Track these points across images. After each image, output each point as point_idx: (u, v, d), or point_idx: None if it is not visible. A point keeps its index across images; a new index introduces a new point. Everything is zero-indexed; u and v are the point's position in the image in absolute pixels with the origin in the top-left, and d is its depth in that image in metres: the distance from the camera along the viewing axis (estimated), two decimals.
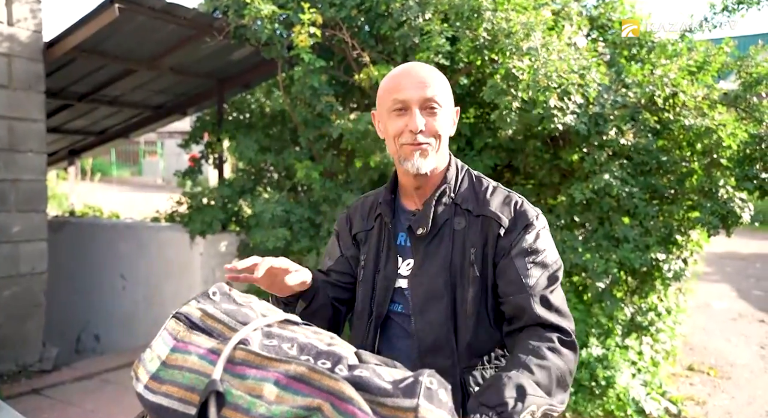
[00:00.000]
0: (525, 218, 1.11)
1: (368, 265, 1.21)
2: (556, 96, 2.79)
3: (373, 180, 3.78)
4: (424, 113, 1.09)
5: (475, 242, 1.12)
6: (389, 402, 0.77)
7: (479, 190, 1.17)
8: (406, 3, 3.25)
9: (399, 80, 1.11)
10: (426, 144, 1.09)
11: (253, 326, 0.86)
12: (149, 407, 0.78)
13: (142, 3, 3.14)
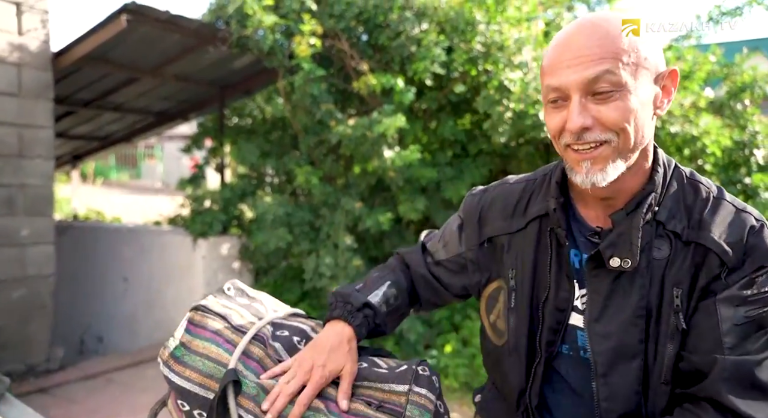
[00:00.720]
0: (764, 254, 0.75)
1: (522, 287, 0.89)
2: None
3: (371, 185, 3.89)
4: (593, 100, 0.74)
5: (682, 280, 0.77)
6: (385, 387, 0.88)
7: (693, 201, 0.80)
8: (402, 14, 3.37)
9: (552, 56, 0.77)
10: (600, 144, 0.75)
11: (266, 320, 0.97)
12: (175, 388, 0.88)
13: (148, 14, 3.26)
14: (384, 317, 0.98)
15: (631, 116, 0.74)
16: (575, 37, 0.75)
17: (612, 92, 0.73)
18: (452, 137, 3.77)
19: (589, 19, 0.77)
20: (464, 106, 3.92)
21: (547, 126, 0.80)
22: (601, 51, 0.73)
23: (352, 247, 3.47)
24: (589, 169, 0.76)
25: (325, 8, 3.51)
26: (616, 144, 0.75)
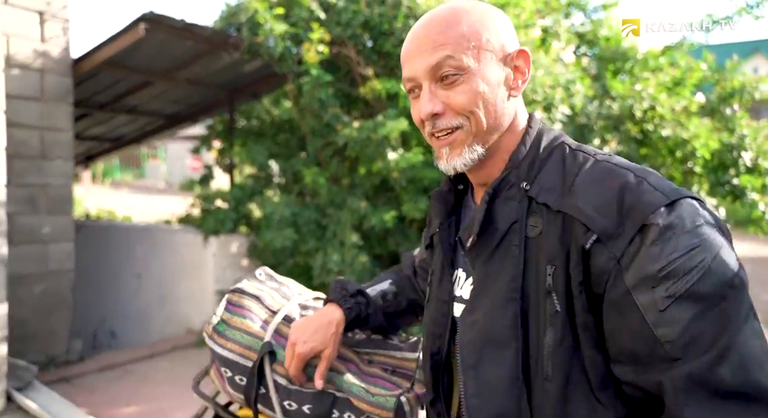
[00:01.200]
0: (639, 211, 0.63)
1: (433, 283, 0.88)
2: (541, 108, 3.07)
3: (376, 185, 4.05)
4: (441, 86, 0.74)
5: (555, 255, 0.68)
6: (398, 355, 1.05)
7: (570, 168, 0.72)
8: (407, 23, 3.54)
9: (405, 48, 0.79)
10: (453, 129, 0.75)
11: (294, 301, 1.13)
12: (218, 357, 1.05)
13: (165, 23, 3.43)
14: (378, 309, 1.04)
15: (479, 99, 0.74)
16: (420, 29, 0.77)
17: (456, 76, 0.73)
18: None
19: (434, 10, 0.78)
20: None
21: (413, 117, 0.80)
22: (442, 38, 0.74)
23: (358, 244, 3.63)
24: (449, 155, 0.76)
25: (333, 17, 3.68)
26: (468, 128, 0.75)
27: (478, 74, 0.74)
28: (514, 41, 0.78)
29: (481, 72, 0.74)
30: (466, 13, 0.76)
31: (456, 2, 0.79)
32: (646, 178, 0.66)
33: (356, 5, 3.64)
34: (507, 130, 0.78)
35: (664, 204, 0.63)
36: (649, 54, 3.91)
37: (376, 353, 1.06)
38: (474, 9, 0.77)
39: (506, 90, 0.77)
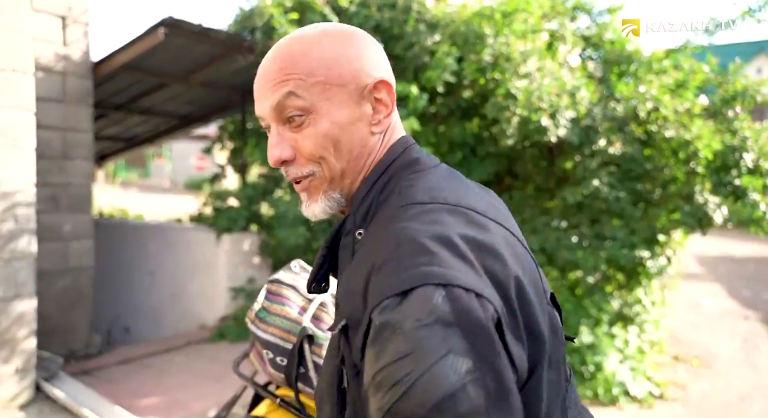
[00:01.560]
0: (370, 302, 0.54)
1: None
2: (547, 115, 3.17)
3: None
4: (289, 128, 0.67)
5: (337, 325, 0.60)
6: None
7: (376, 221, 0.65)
8: (416, 27, 3.64)
9: (255, 83, 0.70)
10: (306, 177, 0.68)
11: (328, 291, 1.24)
12: (261, 340, 1.16)
13: (183, 27, 3.54)
14: None
15: (328, 143, 0.65)
16: (266, 62, 0.68)
17: (302, 117, 0.65)
18: (461, 140, 4.04)
19: (281, 41, 0.70)
20: (472, 111, 4.19)
21: None
22: (283, 74, 0.65)
23: None
24: (307, 202, 0.70)
25: (345, 21, 3.78)
26: (322, 174, 0.67)
27: (326, 115, 0.65)
28: (376, 70, 0.68)
29: (330, 111, 0.65)
30: (317, 42, 0.67)
31: (312, 28, 0.69)
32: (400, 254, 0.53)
33: (367, 10, 3.74)
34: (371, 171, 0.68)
35: (391, 295, 0.51)
36: (653, 57, 4.00)
37: None
38: (327, 37, 0.68)
39: (366, 127, 0.67)
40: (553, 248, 3.67)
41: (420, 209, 0.59)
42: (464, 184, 0.69)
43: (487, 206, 0.65)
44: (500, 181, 4.42)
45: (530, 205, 4.08)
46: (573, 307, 3.79)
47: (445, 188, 0.64)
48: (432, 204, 0.60)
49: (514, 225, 0.69)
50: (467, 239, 0.56)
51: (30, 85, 2.75)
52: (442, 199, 0.61)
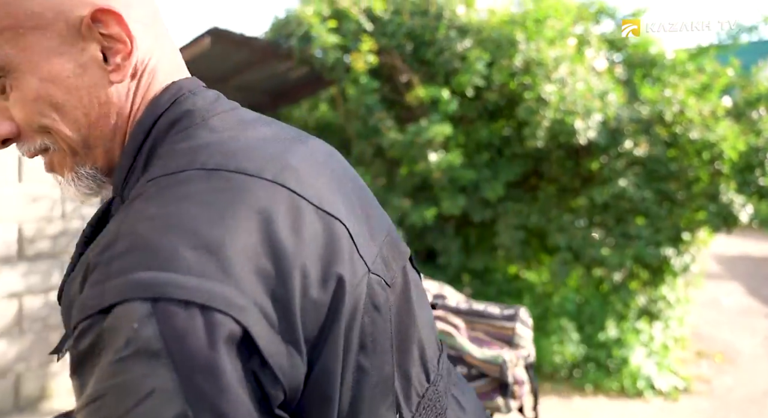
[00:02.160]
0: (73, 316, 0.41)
1: None
2: (580, 118, 3.31)
3: (415, 185, 4.31)
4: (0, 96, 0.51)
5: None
6: (497, 324, 1.31)
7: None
8: (448, 33, 3.79)
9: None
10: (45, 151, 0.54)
11: None
12: None
13: (227, 36, 3.72)
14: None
15: (45, 106, 0.49)
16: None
17: (3, 81, 0.49)
18: (489, 141, 4.18)
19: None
20: (499, 113, 4.33)
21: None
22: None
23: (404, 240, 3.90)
24: (61, 183, 0.55)
25: (379, 28, 3.95)
26: (57, 147, 0.52)
27: (29, 71, 0.48)
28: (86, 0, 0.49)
29: (34, 65, 0.48)
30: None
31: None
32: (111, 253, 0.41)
33: (400, 17, 3.90)
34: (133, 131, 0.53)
35: (90, 313, 0.39)
36: (676, 59, 4.11)
37: (479, 321, 1.32)
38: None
39: (100, 77, 0.50)
40: (578, 246, 3.80)
41: (166, 181, 0.46)
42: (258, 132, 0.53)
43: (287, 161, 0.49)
44: (526, 181, 4.55)
45: (555, 204, 4.21)
46: (599, 302, 3.91)
47: (216, 144, 0.49)
48: (185, 172, 0.46)
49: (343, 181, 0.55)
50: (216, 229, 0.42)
51: None
52: (200, 163, 0.46)
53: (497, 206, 4.16)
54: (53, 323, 2.94)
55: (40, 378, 2.91)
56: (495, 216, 4.17)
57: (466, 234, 4.63)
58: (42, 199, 2.80)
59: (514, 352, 1.26)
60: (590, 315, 3.88)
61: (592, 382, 3.58)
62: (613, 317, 3.83)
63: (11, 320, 2.76)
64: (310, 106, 5.56)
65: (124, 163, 0.52)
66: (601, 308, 3.82)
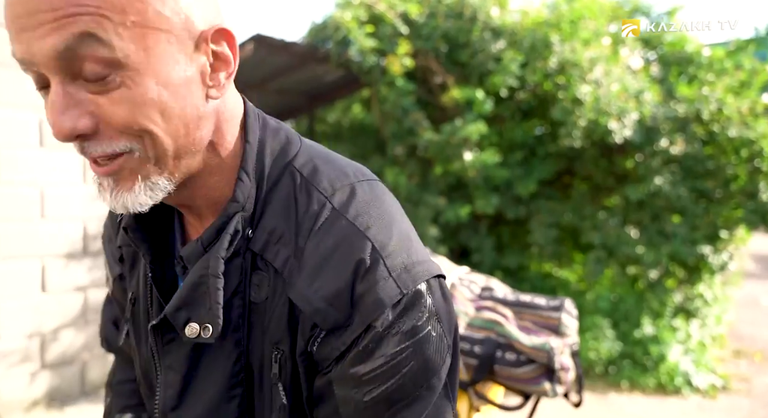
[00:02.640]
0: (372, 308, 0.53)
1: (139, 318, 0.66)
2: (614, 118, 3.35)
3: (450, 184, 4.40)
4: (84, 86, 0.46)
5: (281, 338, 0.56)
6: (544, 314, 1.40)
7: (303, 217, 0.56)
8: (482, 35, 3.87)
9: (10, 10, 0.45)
10: (120, 156, 0.49)
11: (455, 273, 1.51)
12: None
13: (269, 42, 3.88)
14: None
15: (155, 110, 0.48)
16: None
17: (108, 75, 0.45)
18: (522, 141, 4.23)
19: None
20: (533, 113, 4.38)
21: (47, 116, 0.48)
22: (71, 1, 0.43)
23: (439, 237, 4.00)
24: (112, 191, 0.51)
25: (414, 31, 4.05)
26: (143, 153, 0.50)
27: (146, 70, 0.46)
28: (210, 13, 0.51)
29: (153, 66, 0.47)
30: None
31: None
32: (381, 256, 0.53)
33: (435, 20, 3.99)
34: (208, 148, 0.55)
35: (394, 302, 0.52)
36: (713, 57, 4.08)
37: (526, 312, 1.42)
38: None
39: (201, 90, 0.51)
40: (613, 243, 3.83)
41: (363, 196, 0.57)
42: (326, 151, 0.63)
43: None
44: (559, 179, 4.59)
45: (589, 202, 4.24)
46: (634, 300, 3.94)
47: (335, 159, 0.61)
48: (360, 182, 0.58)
49: None
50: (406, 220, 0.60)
51: None
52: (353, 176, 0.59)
53: (530, 204, 4.22)
54: None
55: (103, 366, 3.11)
56: (528, 214, 4.23)
57: (499, 232, 4.70)
58: None
59: (560, 340, 1.35)
60: (625, 312, 3.91)
61: (628, 378, 3.61)
62: (649, 315, 3.84)
63: (78, 311, 2.97)
64: (343, 107, 5.71)
65: (248, 182, 0.56)
66: (637, 305, 3.85)
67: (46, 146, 2.79)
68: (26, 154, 2.72)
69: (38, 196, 2.78)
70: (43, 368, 2.87)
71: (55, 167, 2.82)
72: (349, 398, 0.54)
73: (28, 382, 2.82)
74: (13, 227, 2.70)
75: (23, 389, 2.80)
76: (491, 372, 1.36)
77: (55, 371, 2.92)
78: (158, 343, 0.60)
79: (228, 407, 0.57)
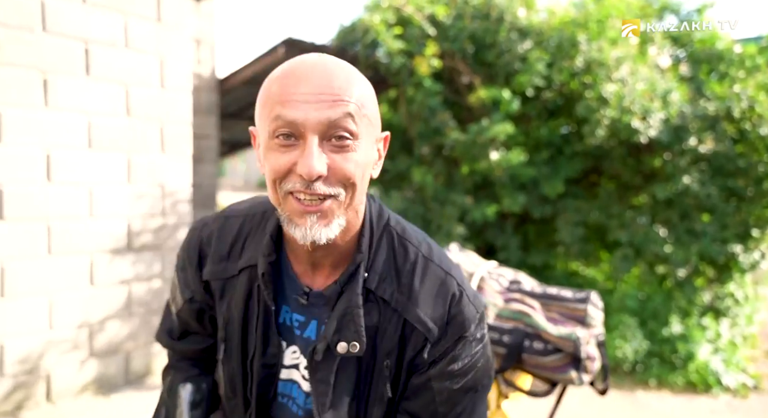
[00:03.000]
0: (461, 326, 0.80)
1: (232, 338, 0.85)
2: (638, 118, 3.36)
3: (477, 183, 4.46)
4: (329, 146, 0.68)
5: (391, 350, 0.79)
6: (570, 305, 1.47)
7: (402, 264, 0.81)
8: (509, 35, 3.91)
9: (286, 84, 0.67)
10: (329, 198, 0.69)
11: (483, 267, 1.58)
12: None
13: (299, 45, 4.01)
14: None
15: (360, 171, 0.69)
16: (316, 70, 0.67)
17: (349, 141, 0.67)
18: (549, 140, 4.26)
19: (326, 57, 0.70)
20: (559, 112, 4.40)
21: (270, 165, 0.68)
22: (345, 92, 0.66)
23: (465, 236, 4.06)
24: (314, 223, 0.68)
25: (441, 33, 4.12)
26: (343, 199, 0.69)
27: (362, 145, 0.69)
28: (380, 126, 0.78)
29: (365, 144, 0.70)
30: (361, 76, 0.72)
31: (335, 58, 0.72)
32: (464, 289, 0.83)
33: (462, 21, 4.05)
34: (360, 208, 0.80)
35: (477, 320, 0.82)
36: (745, 53, 4.03)
37: (553, 303, 1.49)
38: (361, 74, 0.74)
39: (372, 169, 0.75)
40: (640, 242, 3.83)
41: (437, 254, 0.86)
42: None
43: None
44: (586, 178, 4.59)
45: (616, 201, 4.23)
46: (662, 299, 3.93)
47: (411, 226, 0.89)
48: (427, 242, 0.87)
49: None
50: None
51: (188, 102, 3.29)
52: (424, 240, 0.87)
53: (557, 203, 4.24)
54: (155, 308, 3.31)
55: (146, 356, 3.28)
56: (554, 213, 4.25)
57: (525, 231, 4.73)
58: (145, 197, 3.17)
59: (586, 331, 1.41)
60: (653, 311, 3.90)
61: (656, 376, 3.61)
62: (677, 314, 3.83)
63: (122, 304, 3.14)
64: None
65: (367, 237, 0.82)
66: (665, 304, 3.84)
67: (93, 148, 2.96)
68: (76, 155, 2.90)
69: (87, 195, 2.96)
70: (91, 356, 3.05)
71: (102, 168, 2.99)
72: (444, 389, 0.81)
73: (78, 369, 3.00)
74: (65, 224, 2.88)
75: (74, 375, 2.98)
76: (519, 361, 1.44)
77: (101, 359, 3.09)
78: (312, 361, 0.81)
79: (356, 402, 0.82)
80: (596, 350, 1.42)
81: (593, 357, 1.40)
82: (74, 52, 2.83)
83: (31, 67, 2.70)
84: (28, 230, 2.75)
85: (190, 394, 0.92)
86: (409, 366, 0.81)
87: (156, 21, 3.13)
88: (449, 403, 0.81)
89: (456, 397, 0.81)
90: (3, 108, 2.63)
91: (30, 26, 2.67)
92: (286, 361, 0.86)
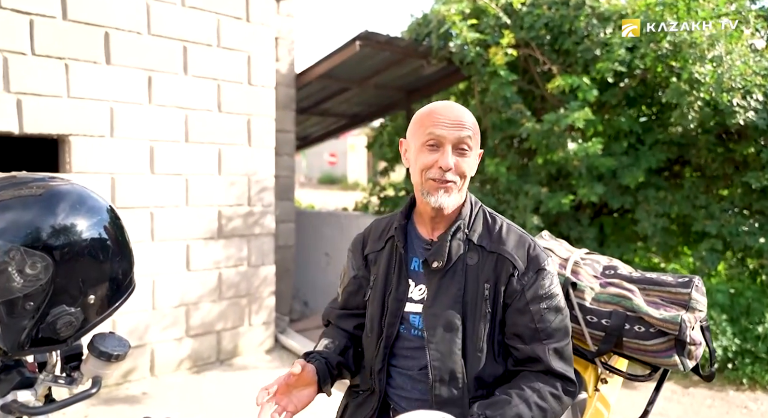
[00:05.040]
0: (538, 261, 1.16)
1: (377, 285, 1.25)
2: (740, 95, 3.17)
3: (551, 173, 4.37)
4: (456, 153, 1.12)
5: (489, 278, 1.16)
6: (672, 290, 1.44)
7: (493, 228, 1.20)
8: (589, 21, 3.81)
9: (437, 116, 1.13)
10: (452, 182, 1.13)
11: (577, 253, 1.58)
12: None
13: (374, 38, 4.09)
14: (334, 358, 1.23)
15: (470, 169, 1.16)
16: (456, 108, 1.15)
17: (468, 151, 1.14)
18: (629, 128, 4.10)
19: (451, 102, 1.19)
20: (640, 100, 4.22)
21: (420, 162, 1.14)
22: (468, 123, 1.14)
23: (540, 226, 4.00)
24: (441, 195, 1.14)
25: (516, 21, 4.06)
26: (459, 185, 1.15)
27: (473, 155, 1.16)
28: None
29: (473, 155, 1.17)
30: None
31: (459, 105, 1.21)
32: (536, 243, 1.21)
33: (539, 9, 3.98)
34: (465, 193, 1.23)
35: (548, 261, 1.19)
36: None
37: (653, 288, 1.47)
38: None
39: (474, 170, 1.20)
40: (730, 234, 3.62)
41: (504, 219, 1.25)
42: None
43: None
44: (668, 168, 4.39)
45: (703, 191, 4.02)
46: (755, 294, 3.70)
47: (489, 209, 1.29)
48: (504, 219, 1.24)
49: None
50: None
51: (272, 97, 3.45)
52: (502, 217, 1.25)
53: (637, 194, 4.08)
54: (243, 290, 3.52)
55: (234, 337, 3.50)
56: (634, 204, 4.10)
57: (601, 222, 4.58)
58: (234, 187, 3.37)
59: (691, 315, 1.38)
60: (745, 307, 3.68)
61: (749, 376, 3.42)
62: None
63: (214, 286, 3.36)
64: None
65: (468, 208, 1.22)
66: (759, 300, 3.61)
67: (190, 141, 3.18)
68: (175, 148, 3.12)
69: (183, 185, 3.19)
70: (187, 335, 3.29)
71: (196, 160, 3.21)
72: (538, 310, 1.15)
73: (176, 346, 3.25)
74: (165, 213, 3.12)
75: (172, 352, 3.23)
76: (618, 345, 1.42)
77: (196, 338, 3.33)
78: (425, 272, 1.21)
79: (453, 313, 1.16)
80: (701, 335, 1.39)
81: (698, 342, 1.37)
82: (174, 52, 3.05)
83: (138, 68, 2.94)
84: (135, 218, 3.01)
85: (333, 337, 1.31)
86: (505, 292, 1.16)
87: (245, 20, 3.31)
88: (543, 320, 1.15)
89: (548, 315, 1.15)
90: (114, 105, 2.89)
91: (138, 29, 2.91)
92: (414, 296, 1.22)
